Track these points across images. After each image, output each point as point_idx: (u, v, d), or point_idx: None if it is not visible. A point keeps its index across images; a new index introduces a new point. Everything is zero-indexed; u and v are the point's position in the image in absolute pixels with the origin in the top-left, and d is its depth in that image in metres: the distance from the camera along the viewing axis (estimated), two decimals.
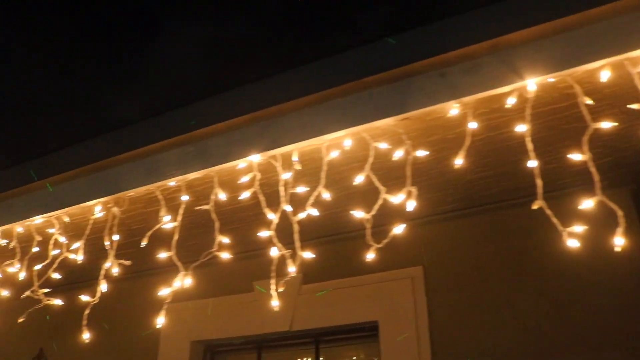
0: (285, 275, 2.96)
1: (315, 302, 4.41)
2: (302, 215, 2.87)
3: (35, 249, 3.70)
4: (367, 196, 3.06)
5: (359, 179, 2.83)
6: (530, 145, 2.47)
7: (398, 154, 2.80)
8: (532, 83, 2.40)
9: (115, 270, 3.35)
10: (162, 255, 3.15)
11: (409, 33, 2.60)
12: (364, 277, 4.27)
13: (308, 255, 2.83)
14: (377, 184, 2.77)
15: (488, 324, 3.76)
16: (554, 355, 3.48)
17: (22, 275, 3.66)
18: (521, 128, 2.56)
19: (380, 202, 2.74)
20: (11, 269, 3.72)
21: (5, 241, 3.81)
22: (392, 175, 2.98)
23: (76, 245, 3.50)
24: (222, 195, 3.13)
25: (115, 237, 3.39)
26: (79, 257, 3.48)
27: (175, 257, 3.09)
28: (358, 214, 2.83)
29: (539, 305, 3.62)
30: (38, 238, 3.69)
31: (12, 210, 3.57)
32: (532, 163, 2.45)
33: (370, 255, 2.73)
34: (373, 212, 2.75)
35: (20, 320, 3.60)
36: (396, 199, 2.73)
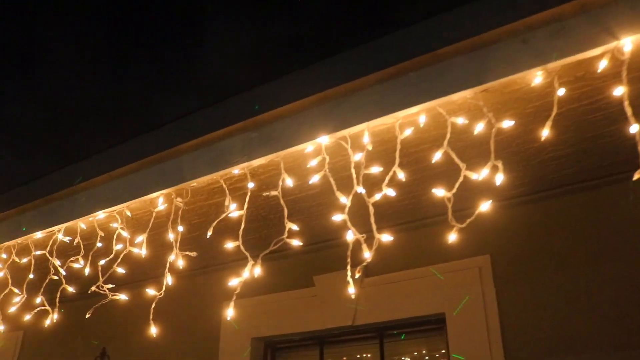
0: (360, 262, 2.74)
1: (379, 295, 4.20)
2: (378, 196, 2.66)
3: (99, 244, 3.57)
4: (444, 176, 2.85)
5: (437, 157, 2.61)
6: (629, 110, 2.22)
7: (479, 127, 2.56)
8: (628, 43, 2.15)
9: (180, 263, 3.18)
10: (229, 245, 2.97)
11: None
12: (429, 267, 4.05)
13: (386, 238, 2.61)
14: (457, 160, 2.55)
15: (563, 314, 3.48)
16: (636, 346, 3.20)
17: (87, 271, 3.53)
18: (609, 96, 2.32)
19: (461, 179, 2.52)
20: (76, 265, 3.59)
21: (69, 238, 3.69)
22: (469, 153, 2.76)
23: (139, 239, 3.35)
24: (290, 181, 2.94)
25: (180, 229, 3.23)
26: (143, 251, 3.34)
27: (242, 246, 2.91)
28: (439, 191, 2.61)
29: (620, 293, 3.34)
30: (101, 234, 3.57)
31: (76, 206, 3.47)
32: (634, 128, 2.19)
33: (452, 237, 2.50)
34: (454, 190, 2.52)
35: (88, 315, 3.47)
36: (478, 175, 2.50)
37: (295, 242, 2.89)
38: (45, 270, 3.85)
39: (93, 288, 3.39)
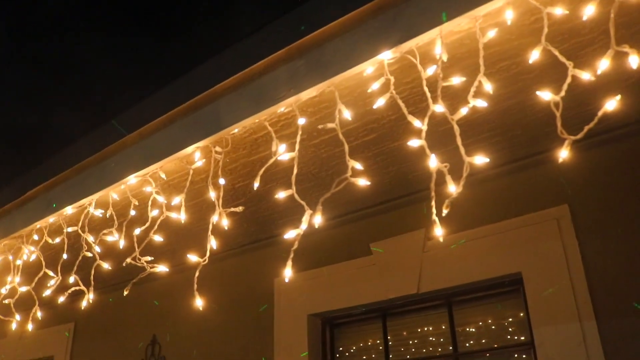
0: (447, 197, 2.09)
1: (445, 258, 3.57)
2: (464, 111, 2.01)
3: (132, 212, 3.01)
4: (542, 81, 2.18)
5: (534, 57, 1.96)
6: None
7: (589, 11, 1.88)
8: None
9: (225, 223, 2.59)
10: (281, 195, 2.37)
11: None
12: (500, 224, 3.43)
13: (481, 160, 1.97)
14: (561, 58, 1.89)
15: None
16: None
17: (121, 244, 2.97)
18: None
19: (568, 80, 1.86)
20: (110, 238, 3.04)
21: (101, 211, 3.16)
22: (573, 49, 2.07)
23: (177, 200, 2.78)
24: (347, 114, 2.33)
25: (222, 181, 2.65)
26: (182, 216, 2.76)
27: (296, 195, 2.30)
28: (545, 95, 1.94)
29: None
30: (135, 202, 3.01)
31: (106, 174, 2.92)
32: None
33: (563, 153, 1.84)
34: (562, 93, 1.86)
35: (126, 292, 2.92)
36: (591, 74, 1.85)
37: (362, 182, 2.26)
38: (79, 248, 3.32)
39: (129, 260, 2.82)
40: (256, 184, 2.48)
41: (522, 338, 3.40)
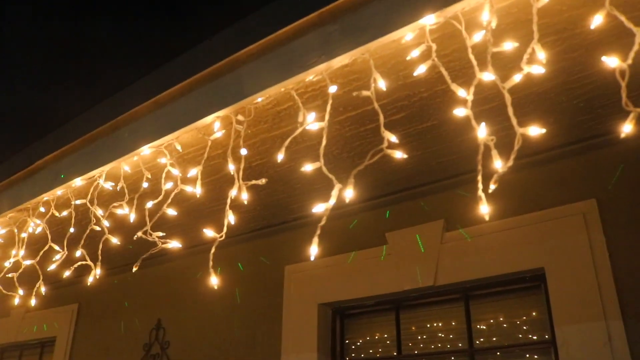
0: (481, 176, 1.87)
1: (464, 250, 3.36)
2: (517, 78, 1.79)
3: (145, 185, 2.80)
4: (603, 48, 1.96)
5: (596, 21, 1.74)
6: None
7: None
8: None
9: (245, 197, 2.37)
10: (308, 167, 2.15)
11: None
12: (524, 216, 3.22)
13: (535, 131, 1.75)
14: (628, 24, 1.67)
15: None
16: None
17: (132, 217, 2.76)
18: None
19: (635, 47, 1.63)
20: (120, 212, 2.83)
21: (112, 184, 2.94)
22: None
23: (193, 172, 2.57)
24: (382, 84, 2.11)
25: (243, 152, 2.43)
26: (197, 190, 2.54)
27: (324, 168, 2.08)
28: (611, 61, 1.71)
29: None
30: (147, 175, 2.80)
31: (119, 144, 2.71)
32: None
33: (627, 128, 1.63)
34: (629, 60, 1.64)
35: (135, 268, 2.71)
36: None
37: (398, 155, 2.04)
38: (87, 223, 3.11)
39: (140, 234, 2.61)
40: (281, 155, 2.25)
41: (541, 337, 3.19)
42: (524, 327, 3.28)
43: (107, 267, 4.10)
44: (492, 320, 3.41)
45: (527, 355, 3.23)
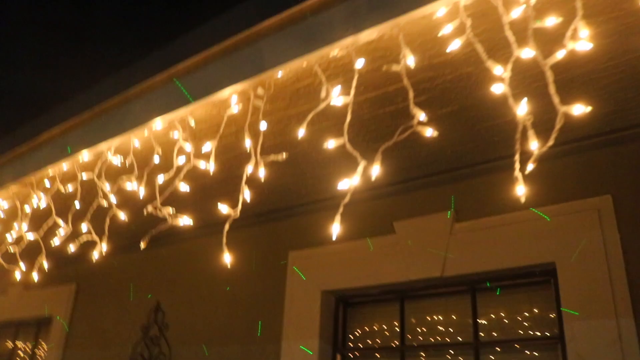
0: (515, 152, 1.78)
1: (473, 242, 3.28)
2: (560, 54, 1.70)
3: (156, 158, 2.70)
4: None
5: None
6: None
7: None
8: None
9: (262, 173, 2.28)
10: (330, 144, 2.06)
11: None
12: (536, 210, 3.11)
13: (580, 110, 1.66)
14: None
15: None
16: None
17: (141, 192, 2.65)
18: None
19: None
20: (129, 185, 2.73)
21: (120, 157, 2.84)
22: None
23: (207, 146, 2.47)
24: (411, 60, 2.02)
25: (263, 126, 2.33)
26: (211, 166, 2.45)
27: (348, 144, 1.99)
28: None
29: None
30: (158, 150, 2.70)
31: (129, 117, 2.61)
32: None
33: None
34: None
35: (143, 245, 2.62)
36: None
37: (429, 132, 1.95)
38: (93, 198, 3.01)
39: (150, 208, 2.52)
40: (302, 130, 2.16)
41: (548, 333, 3.12)
42: (532, 322, 3.21)
43: (108, 247, 4.00)
44: (499, 314, 3.34)
45: (535, 351, 3.16)
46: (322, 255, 3.82)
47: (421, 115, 1.90)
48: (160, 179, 2.60)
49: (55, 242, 3.05)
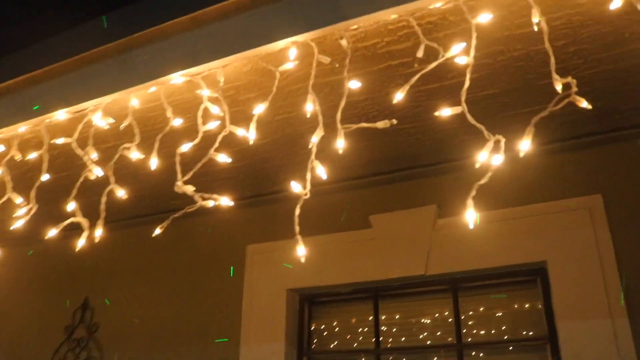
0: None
1: (459, 239, 3.08)
2: None
3: (173, 118, 2.19)
4: None
5: None
6: None
7: None
8: None
9: (341, 144, 1.87)
10: (445, 112, 1.72)
11: None
12: (525, 207, 3.03)
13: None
14: None
15: None
16: None
17: (153, 164, 2.11)
18: None
19: None
20: (133, 155, 2.18)
21: (111, 120, 2.29)
22: None
23: (259, 108, 2.00)
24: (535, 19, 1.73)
25: (354, 84, 1.90)
26: (251, 134, 1.97)
27: (469, 115, 1.66)
28: None
29: None
30: (169, 112, 2.20)
31: (132, 68, 2.10)
32: None
33: None
34: None
35: (155, 234, 2.10)
36: None
37: (584, 104, 1.63)
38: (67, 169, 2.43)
39: (180, 184, 1.98)
40: (400, 94, 1.79)
41: (534, 333, 3.02)
42: (518, 323, 3.10)
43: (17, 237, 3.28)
44: (483, 315, 3.19)
45: (521, 352, 3.05)
46: (288, 249, 3.46)
47: (558, 87, 1.61)
48: (186, 147, 2.09)
49: (17, 224, 2.39)
